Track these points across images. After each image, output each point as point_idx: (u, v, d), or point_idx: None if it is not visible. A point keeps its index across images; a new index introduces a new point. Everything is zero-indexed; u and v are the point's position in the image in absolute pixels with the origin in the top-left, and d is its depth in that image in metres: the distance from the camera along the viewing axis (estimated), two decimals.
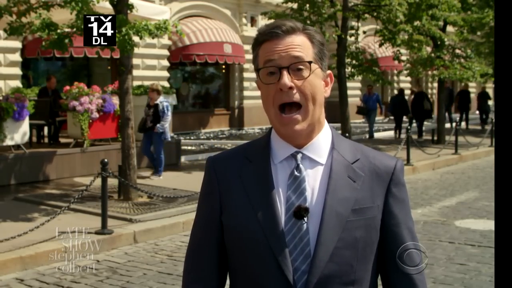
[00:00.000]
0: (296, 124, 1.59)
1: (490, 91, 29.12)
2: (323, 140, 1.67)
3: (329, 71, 1.69)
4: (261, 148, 1.69)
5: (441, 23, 16.86)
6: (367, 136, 19.10)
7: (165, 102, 10.94)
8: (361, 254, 1.61)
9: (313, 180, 1.62)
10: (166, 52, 18.50)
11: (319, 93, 1.62)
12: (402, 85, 29.23)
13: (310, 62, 1.60)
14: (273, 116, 1.62)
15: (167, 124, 10.95)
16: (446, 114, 20.61)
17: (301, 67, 1.59)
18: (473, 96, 27.48)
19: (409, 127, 13.68)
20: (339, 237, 1.58)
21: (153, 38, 8.87)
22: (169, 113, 10.98)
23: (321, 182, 1.62)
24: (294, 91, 1.58)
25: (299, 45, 1.60)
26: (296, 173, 1.62)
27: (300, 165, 1.63)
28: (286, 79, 1.57)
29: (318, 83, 1.63)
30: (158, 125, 10.77)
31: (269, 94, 1.61)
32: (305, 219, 1.58)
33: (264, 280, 1.59)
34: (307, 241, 1.58)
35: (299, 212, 1.58)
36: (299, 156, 1.64)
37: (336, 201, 1.60)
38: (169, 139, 11.45)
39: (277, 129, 1.65)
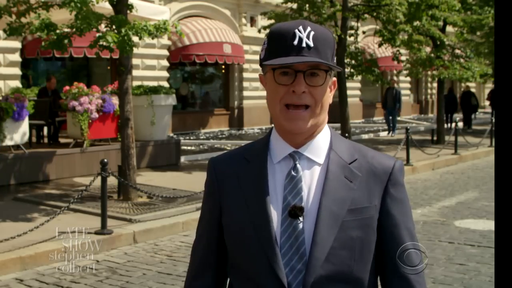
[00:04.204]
0: (302, 121, 1.60)
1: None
2: (322, 140, 1.68)
3: (334, 78, 1.71)
4: (260, 149, 1.71)
5: (440, 23, 16.86)
6: None
7: None
8: (359, 254, 1.61)
9: (310, 180, 1.64)
10: (165, 52, 18.51)
11: (327, 99, 1.65)
12: (402, 85, 29.28)
13: (326, 71, 1.61)
14: (279, 111, 1.62)
15: None
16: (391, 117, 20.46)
17: (317, 73, 1.60)
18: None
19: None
20: (335, 237, 1.58)
21: (152, 38, 8.87)
22: None
23: (318, 183, 1.63)
24: (306, 95, 1.60)
25: None
26: (293, 173, 1.63)
27: (297, 165, 1.64)
28: (302, 84, 1.58)
29: (328, 90, 1.65)
30: None
31: (278, 93, 1.61)
32: (301, 218, 1.59)
33: (259, 279, 1.61)
34: (302, 240, 1.59)
35: (294, 211, 1.59)
36: (297, 156, 1.65)
37: (332, 201, 1.60)
38: None
39: (281, 125, 1.65)
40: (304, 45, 1.57)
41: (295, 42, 1.58)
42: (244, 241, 1.63)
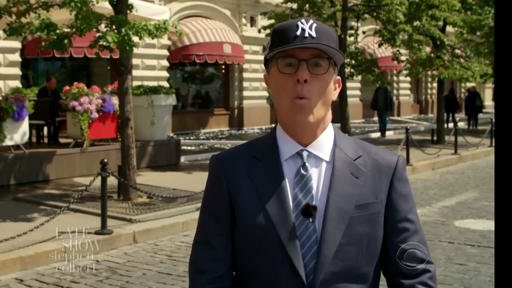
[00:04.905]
0: (306, 112, 1.60)
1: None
2: (327, 138, 1.69)
3: (338, 77, 1.71)
4: (268, 146, 1.70)
5: (440, 23, 16.87)
6: None
7: None
8: (366, 249, 1.63)
9: (318, 178, 1.65)
10: (165, 52, 18.50)
11: (328, 92, 1.64)
12: (402, 85, 29.28)
13: (329, 59, 1.61)
14: (288, 104, 1.61)
15: None
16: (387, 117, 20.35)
17: (320, 63, 1.60)
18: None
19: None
20: (343, 233, 1.59)
21: (152, 38, 8.87)
22: None
23: (325, 180, 1.64)
24: (309, 85, 1.59)
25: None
26: (302, 171, 1.64)
27: (306, 164, 1.65)
28: (305, 71, 1.58)
29: (330, 83, 1.65)
30: None
31: (284, 85, 1.62)
32: (312, 217, 1.59)
33: (276, 277, 1.60)
34: (314, 239, 1.59)
35: (308, 210, 1.59)
36: (304, 154, 1.65)
37: (339, 198, 1.61)
38: None
39: (287, 119, 1.65)
40: (307, 35, 1.59)
41: (298, 33, 1.59)
42: (262, 238, 1.60)
